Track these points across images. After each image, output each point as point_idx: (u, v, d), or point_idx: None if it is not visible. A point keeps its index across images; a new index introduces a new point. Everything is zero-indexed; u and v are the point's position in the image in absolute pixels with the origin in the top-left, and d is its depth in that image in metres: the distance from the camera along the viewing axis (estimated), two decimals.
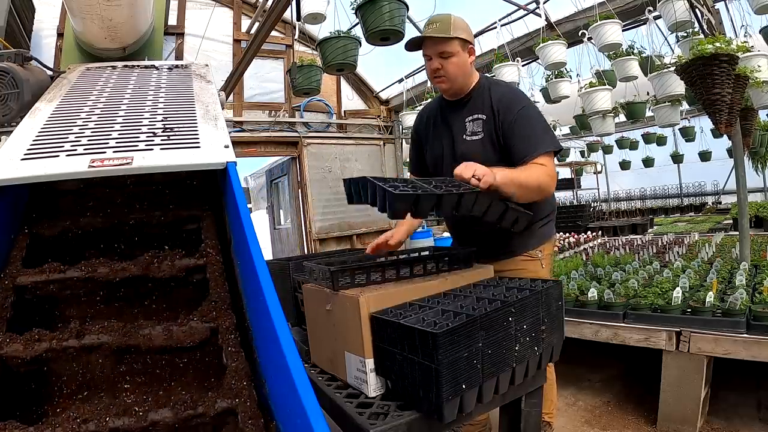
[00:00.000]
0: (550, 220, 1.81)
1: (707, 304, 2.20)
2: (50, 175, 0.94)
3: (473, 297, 1.22)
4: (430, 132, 1.86)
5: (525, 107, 1.63)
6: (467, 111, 1.72)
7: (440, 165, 1.80)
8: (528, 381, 1.23)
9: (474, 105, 1.71)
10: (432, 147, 1.84)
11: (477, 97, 1.71)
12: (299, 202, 5.76)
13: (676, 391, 2.17)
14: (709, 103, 2.48)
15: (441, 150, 1.79)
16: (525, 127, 1.59)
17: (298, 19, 3.08)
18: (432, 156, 1.85)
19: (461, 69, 1.67)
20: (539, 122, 1.64)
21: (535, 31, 3.98)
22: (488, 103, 1.67)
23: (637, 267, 3.21)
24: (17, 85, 1.45)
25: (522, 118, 1.60)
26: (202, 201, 1.19)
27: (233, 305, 0.97)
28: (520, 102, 1.65)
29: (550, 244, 1.83)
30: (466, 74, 1.69)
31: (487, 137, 1.66)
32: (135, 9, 1.79)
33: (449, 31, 1.61)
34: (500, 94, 1.67)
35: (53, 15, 3.96)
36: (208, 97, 1.42)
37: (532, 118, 1.62)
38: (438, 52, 1.64)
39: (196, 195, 1.21)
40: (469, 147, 1.68)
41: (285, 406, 0.68)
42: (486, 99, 1.68)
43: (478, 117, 1.68)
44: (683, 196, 9.99)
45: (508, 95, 1.67)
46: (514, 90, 1.76)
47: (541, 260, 1.75)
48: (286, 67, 5.28)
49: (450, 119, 1.77)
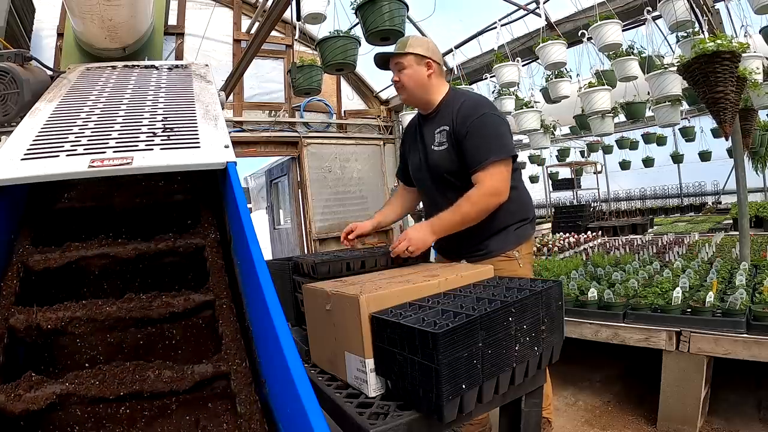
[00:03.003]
0: (525, 222, 1.88)
1: (707, 304, 2.20)
2: (50, 175, 0.94)
3: (473, 297, 1.22)
4: (410, 144, 2.00)
5: (482, 116, 1.70)
6: (435, 123, 1.83)
7: (417, 174, 1.94)
8: (528, 381, 1.22)
9: (441, 117, 1.81)
10: (411, 159, 1.98)
11: (445, 109, 1.81)
12: (299, 202, 5.76)
13: (676, 391, 2.17)
14: (713, 101, 2.47)
15: (418, 161, 1.91)
16: (476, 136, 1.67)
17: (298, 19, 3.07)
18: (412, 168, 1.98)
19: (414, 80, 1.80)
20: (493, 130, 1.69)
21: (535, 31, 3.98)
22: (451, 114, 1.76)
23: (637, 267, 3.21)
24: (17, 85, 1.45)
25: (475, 127, 1.68)
26: (201, 201, 1.19)
27: (234, 305, 0.97)
28: (477, 110, 1.71)
29: (527, 245, 1.90)
30: (421, 86, 1.81)
31: (450, 147, 1.75)
32: (135, 9, 1.79)
33: (404, 47, 1.79)
34: (461, 104, 1.75)
35: (53, 15, 3.96)
36: (208, 97, 1.42)
37: (485, 126, 1.69)
38: (394, 64, 1.82)
39: (195, 195, 1.22)
40: (437, 157, 1.80)
41: (285, 406, 0.68)
42: (453, 110, 1.77)
43: (443, 128, 1.78)
44: (683, 196, 9.99)
45: (467, 105, 1.74)
46: (477, 99, 1.84)
47: (519, 260, 1.82)
48: (286, 67, 5.28)
49: (424, 131, 1.88)
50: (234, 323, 0.88)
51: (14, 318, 0.83)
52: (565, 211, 7.43)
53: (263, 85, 5.45)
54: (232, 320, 0.89)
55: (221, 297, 0.93)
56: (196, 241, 1.04)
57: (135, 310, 0.89)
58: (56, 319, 0.84)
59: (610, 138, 8.37)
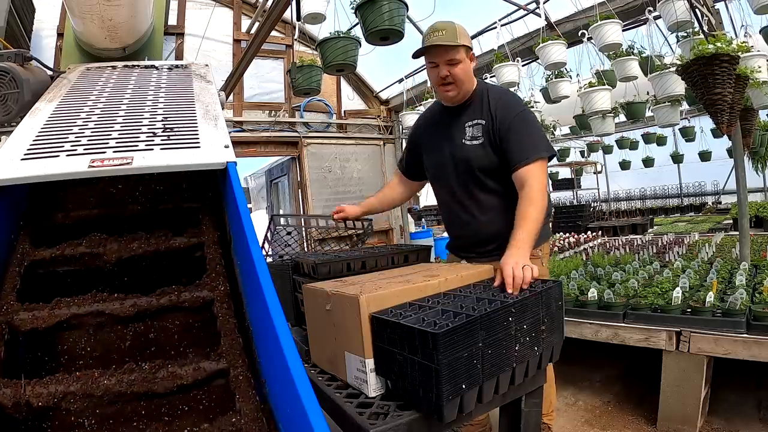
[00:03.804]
0: (547, 221, 1.87)
1: (707, 304, 2.20)
2: (50, 175, 0.94)
3: (473, 297, 1.22)
4: (428, 139, 1.90)
5: (522, 111, 1.68)
6: (467, 116, 1.75)
7: (442, 170, 1.83)
8: (528, 381, 1.22)
9: (473, 110, 1.75)
10: (432, 153, 1.88)
11: (476, 102, 1.75)
12: (299, 202, 5.76)
13: (676, 391, 2.17)
14: (710, 103, 2.48)
15: (442, 156, 1.81)
16: (520, 132, 1.63)
17: (298, 19, 3.07)
18: (433, 162, 1.88)
19: (467, 75, 1.70)
20: (535, 127, 1.69)
21: (535, 31, 3.98)
22: (486, 107, 1.71)
23: (637, 267, 3.21)
24: (17, 85, 1.45)
25: (518, 123, 1.64)
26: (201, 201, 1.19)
27: (233, 306, 0.97)
28: (516, 106, 1.69)
29: (548, 244, 1.91)
30: (469, 80, 1.73)
31: (486, 141, 1.69)
32: (135, 9, 1.79)
33: (456, 38, 1.64)
34: (497, 98, 1.72)
35: (53, 15, 3.96)
36: (208, 97, 1.42)
37: (528, 122, 1.67)
38: (446, 60, 1.67)
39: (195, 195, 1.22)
40: (470, 151, 1.72)
41: (285, 406, 0.68)
42: (485, 103, 1.72)
43: (478, 122, 1.72)
44: (683, 196, 9.99)
45: (505, 100, 1.71)
46: (511, 94, 1.81)
47: (542, 258, 1.80)
48: (286, 67, 5.27)
49: (450, 125, 1.80)
50: (253, 397, 0.81)
51: (0, 393, 0.75)
52: (565, 211, 7.43)
53: (263, 85, 5.45)
54: (251, 394, 0.81)
55: (237, 366, 0.84)
56: (203, 294, 0.97)
57: (137, 383, 0.80)
58: (47, 394, 0.76)
59: (610, 138, 8.37)
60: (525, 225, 1.48)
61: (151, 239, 1.06)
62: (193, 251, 1.09)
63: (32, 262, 0.98)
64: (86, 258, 1.01)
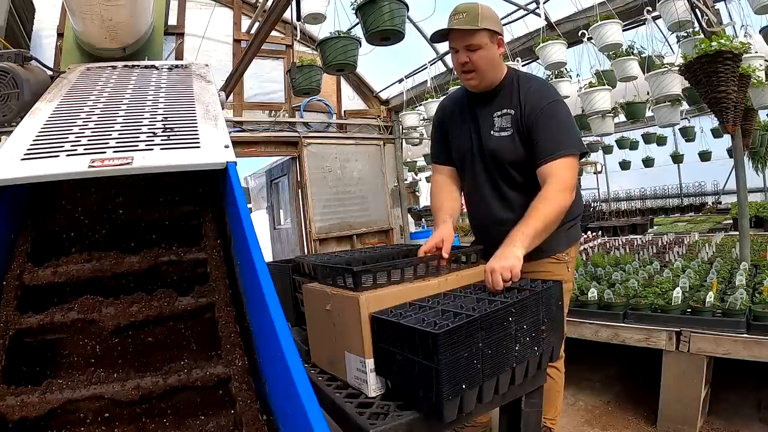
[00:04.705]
0: (575, 223, 1.72)
1: (707, 304, 2.20)
2: (50, 175, 0.94)
3: (473, 297, 1.22)
4: (455, 123, 1.77)
5: (553, 102, 1.56)
6: (495, 105, 1.63)
7: (467, 160, 1.72)
8: (528, 381, 1.22)
9: (502, 99, 1.63)
10: (458, 140, 1.75)
11: (505, 91, 1.63)
12: (299, 202, 5.75)
13: (676, 391, 2.17)
14: (715, 101, 2.45)
15: (469, 145, 1.70)
16: (548, 125, 1.52)
17: (298, 19, 3.07)
18: (458, 150, 1.76)
19: (490, 62, 1.57)
20: (565, 121, 1.56)
21: (535, 31, 3.98)
22: (516, 98, 1.59)
23: (637, 267, 3.21)
24: (17, 85, 1.45)
25: (547, 115, 1.53)
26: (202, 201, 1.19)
27: (234, 306, 0.97)
28: (547, 97, 1.57)
29: (575, 247, 1.75)
30: (495, 68, 1.60)
31: (516, 133, 1.58)
32: (135, 9, 1.79)
33: (476, 22, 1.50)
34: (528, 88, 1.59)
35: (53, 15, 3.95)
36: (208, 97, 1.42)
37: (558, 114, 1.54)
38: (465, 45, 1.54)
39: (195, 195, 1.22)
40: (498, 143, 1.61)
41: (285, 406, 0.68)
42: (515, 93, 1.60)
43: (507, 112, 1.60)
44: (683, 196, 9.98)
45: (536, 89, 1.59)
46: (544, 84, 1.68)
47: (568, 263, 1.67)
48: (286, 67, 5.27)
49: (477, 113, 1.68)
50: None
51: None
52: None
53: (263, 85, 5.45)
54: None
55: None
56: (217, 371, 0.87)
57: None
58: None
59: (610, 138, 8.35)
60: (529, 222, 1.39)
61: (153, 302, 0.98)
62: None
63: (18, 331, 0.89)
64: (78, 324, 0.94)
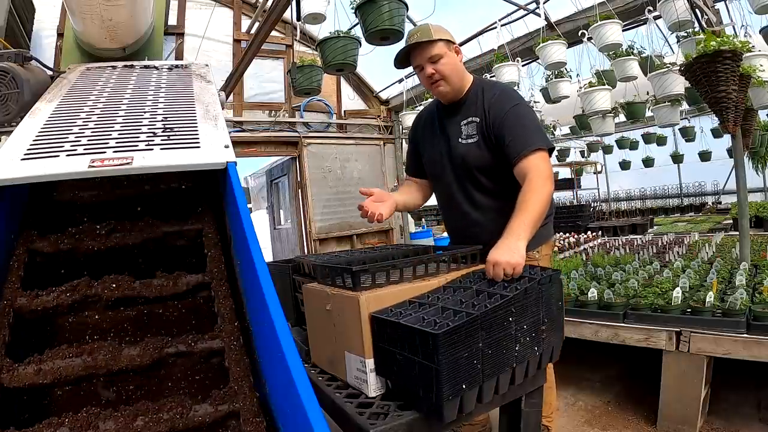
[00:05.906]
0: (548, 221, 1.78)
1: (707, 304, 2.20)
2: (50, 175, 0.94)
3: (473, 290, 1.22)
4: (426, 136, 1.87)
5: (516, 105, 1.62)
6: (462, 114, 1.72)
7: (438, 168, 1.81)
8: (528, 381, 1.23)
9: (468, 109, 1.71)
10: (429, 151, 1.85)
11: (471, 101, 1.71)
12: (299, 202, 5.76)
13: (676, 391, 2.17)
14: (715, 101, 2.44)
15: (438, 154, 1.79)
16: (516, 125, 1.57)
17: (298, 19, 3.07)
18: (429, 160, 1.85)
19: (454, 68, 1.66)
20: (531, 120, 1.62)
21: (535, 31, 3.98)
22: (481, 106, 1.67)
23: (637, 267, 3.21)
24: (17, 85, 1.45)
25: (513, 116, 1.59)
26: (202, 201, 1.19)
27: (234, 306, 0.97)
28: (511, 101, 1.63)
29: (548, 245, 1.81)
30: (459, 74, 1.69)
31: (481, 139, 1.65)
32: (135, 9, 1.79)
33: (431, 34, 1.60)
34: (492, 96, 1.66)
35: (53, 15, 3.96)
36: (208, 97, 1.42)
37: (523, 116, 1.60)
38: (427, 58, 1.63)
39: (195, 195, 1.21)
40: (466, 150, 1.68)
41: (285, 406, 0.68)
42: (479, 101, 1.68)
43: (472, 120, 1.68)
44: (683, 196, 9.99)
45: (498, 96, 1.66)
46: (507, 89, 1.74)
47: (539, 260, 1.74)
48: (286, 67, 5.27)
49: (446, 123, 1.77)
50: None
51: None
52: (566, 211, 7.43)
53: (263, 85, 5.45)
54: None
55: None
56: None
57: None
58: None
59: (610, 138, 8.37)
60: (521, 214, 1.41)
61: None
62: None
63: None
64: None
